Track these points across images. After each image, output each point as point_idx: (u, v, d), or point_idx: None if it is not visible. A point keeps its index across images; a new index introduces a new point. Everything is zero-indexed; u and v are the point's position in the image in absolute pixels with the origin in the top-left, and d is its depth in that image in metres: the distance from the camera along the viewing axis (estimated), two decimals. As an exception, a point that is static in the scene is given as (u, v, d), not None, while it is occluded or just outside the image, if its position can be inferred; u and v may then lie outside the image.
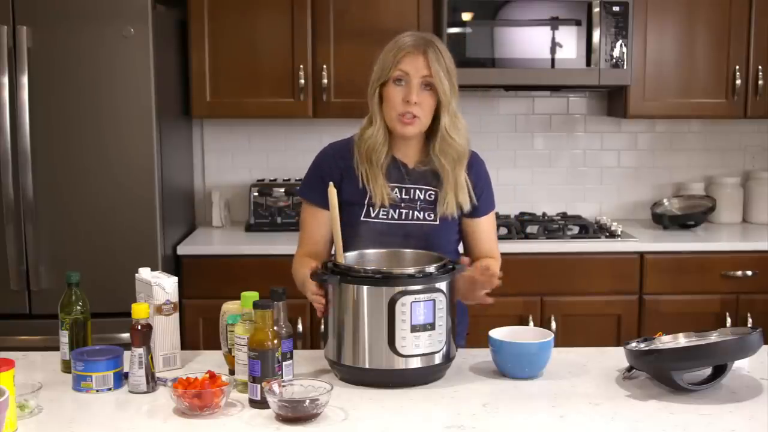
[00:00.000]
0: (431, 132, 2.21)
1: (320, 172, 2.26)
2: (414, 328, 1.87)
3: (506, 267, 3.49)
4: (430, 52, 2.14)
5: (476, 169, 2.29)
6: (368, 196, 2.20)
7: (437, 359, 1.92)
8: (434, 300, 1.88)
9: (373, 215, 2.20)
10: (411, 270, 1.91)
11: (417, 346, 1.88)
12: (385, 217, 2.20)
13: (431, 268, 1.93)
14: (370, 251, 2.13)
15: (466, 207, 2.23)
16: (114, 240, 3.27)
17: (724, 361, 1.88)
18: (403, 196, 2.22)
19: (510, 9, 3.61)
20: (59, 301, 2.04)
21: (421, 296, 1.87)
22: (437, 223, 2.22)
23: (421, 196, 2.23)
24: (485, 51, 3.61)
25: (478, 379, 1.98)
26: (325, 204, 2.16)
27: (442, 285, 1.91)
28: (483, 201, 2.29)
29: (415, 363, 1.89)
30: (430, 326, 1.88)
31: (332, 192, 2.05)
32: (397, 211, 2.21)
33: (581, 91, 4.07)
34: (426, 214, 2.22)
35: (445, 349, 1.93)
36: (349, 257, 2.06)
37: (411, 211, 2.21)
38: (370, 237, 2.18)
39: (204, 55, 3.64)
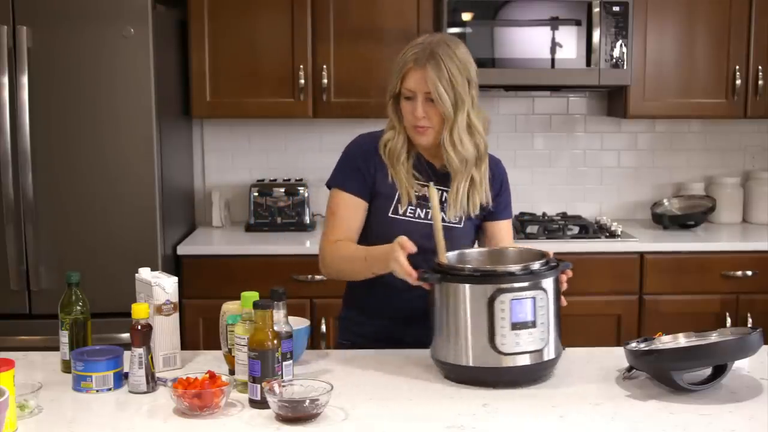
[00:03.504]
0: None
1: (356, 163, 2.25)
2: (514, 326, 1.86)
3: (506, 267, 3.52)
4: (430, 65, 2.11)
5: (497, 173, 2.32)
6: (397, 192, 2.22)
7: (540, 357, 1.90)
8: (535, 298, 1.87)
9: (400, 212, 2.22)
10: (511, 268, 1.90)
11: (518, 344, 1.86)
12: (411, 215, 2.22)
13: (534, 266, 1.91)
14: (473, 250, 2.16)
15: (487, 204, 2.26)
16: (114, 240, 3.27)
17: (724, 361, 1.88)
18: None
19: (510, 9, 3.61)
20: (59, 301, 2.04)
21: (521, 294, 1.86)
22: (461, 225, 2.25)
23: (447, 198, 2.24)
24: (485, 51, 3.61)
25: (478, 379, 1.97)
26: (361, 193, 2.22)
27: (544, 282, 1.89)
28: (500, 204, 2.32)
29: (518, 361, 1.88)
30: (531, 324, 1.87)
31: (433, 192, 2.04)
32: (424, 210, 2.22)
33: (581, 91, 4.07)
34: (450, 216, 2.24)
35: (549, 347, 1.91)
36: (450, 257, 2.04)
37: None
38: (395, 233, 2.18)
39: (204, 55, 3.64)
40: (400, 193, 2.21)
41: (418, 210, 2.22)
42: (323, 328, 3.45)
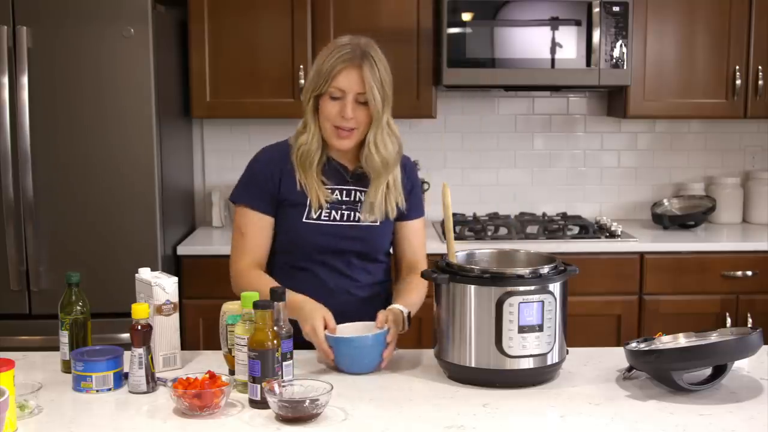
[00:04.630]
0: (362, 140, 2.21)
1: (261, 177, 2.23)
2: (522, 329, 1.86)
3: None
4: (366, 65, 2.12)
5: (408, 172, 2.31)
6: (308, 198, 2.21)
7: (544, 361, 1.91)
8: (543, 301, 1.88)
9: (314, 216, 2.21)
10: (520, 271, 1.91)
11: (524, 347, 1.87)
12: (326, 218, 2.21)
13: (543, 270, 1.92)
14: (484, 250, 2.14)
15: (402, 205, 2.26)
16: (114, 240, 3.27)
17: (724, 361, 1.88)
18: (344, 198, 2.23)
19: (510, 9, 3.61)
20: (59, 301, 2.04)
21: (530, 297, 1.87)
22: (378, 224, 2.24)
23: (362, 198, 2.24)
24: (485, 51, 3.61)
25: (478, 379, 1.98)
26: (267, 210, 2.21)
27: (552, 286, 1.90)
28: (411, 204, 2.30)
29: (522, 364, 1.89)
30: (539, 327, 1.88)
31: (446, 191, 2.02)
32: (339, 212, 2.22)
33: (581, 91, 4.07)
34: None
35: (554, 351, 1.91)
36: (459, 257, 2.05)
37: (353, 213, 2.23)
38: (311, 238, 2.20)
39: (204, 56, 3.64)
40: (311, 199, 2.20)
41: (333, 212, 2.21)
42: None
